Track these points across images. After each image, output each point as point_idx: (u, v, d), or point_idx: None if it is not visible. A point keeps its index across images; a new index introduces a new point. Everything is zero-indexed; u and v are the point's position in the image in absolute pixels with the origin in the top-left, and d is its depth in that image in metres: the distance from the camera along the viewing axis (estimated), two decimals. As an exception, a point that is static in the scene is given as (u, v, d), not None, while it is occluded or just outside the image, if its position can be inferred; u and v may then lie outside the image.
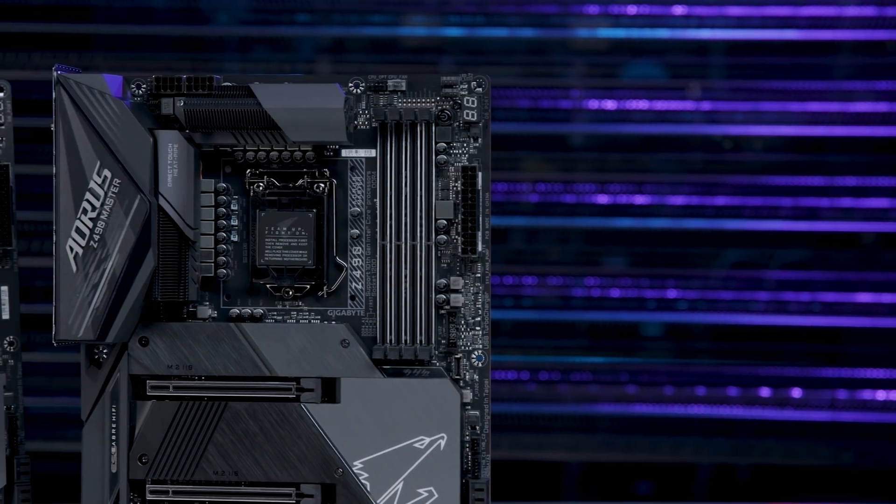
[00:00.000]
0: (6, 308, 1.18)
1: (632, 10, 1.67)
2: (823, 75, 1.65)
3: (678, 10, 1.66)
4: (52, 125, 1.10)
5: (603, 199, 1.68)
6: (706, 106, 1.66)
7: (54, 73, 1.09)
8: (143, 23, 1.63)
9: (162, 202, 1.09)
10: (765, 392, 1.66)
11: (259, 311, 1.12)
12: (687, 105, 1.66)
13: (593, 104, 1.67)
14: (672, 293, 1.68)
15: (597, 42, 1.65)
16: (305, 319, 1.11)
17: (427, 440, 1.08)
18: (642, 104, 1.67)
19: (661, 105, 1.67)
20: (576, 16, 1.64)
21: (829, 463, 1.64)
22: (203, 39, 1.64)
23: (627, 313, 1.67)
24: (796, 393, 1.66)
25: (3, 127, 1.18)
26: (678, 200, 1.67)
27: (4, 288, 1.18)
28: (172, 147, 1.09)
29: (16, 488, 1.17)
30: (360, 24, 1.63)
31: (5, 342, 1.18)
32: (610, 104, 1.67)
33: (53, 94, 1.09)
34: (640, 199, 1.68)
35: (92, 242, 1.09)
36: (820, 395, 1.65)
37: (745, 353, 1.66)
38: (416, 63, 1.64)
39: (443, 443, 1.08)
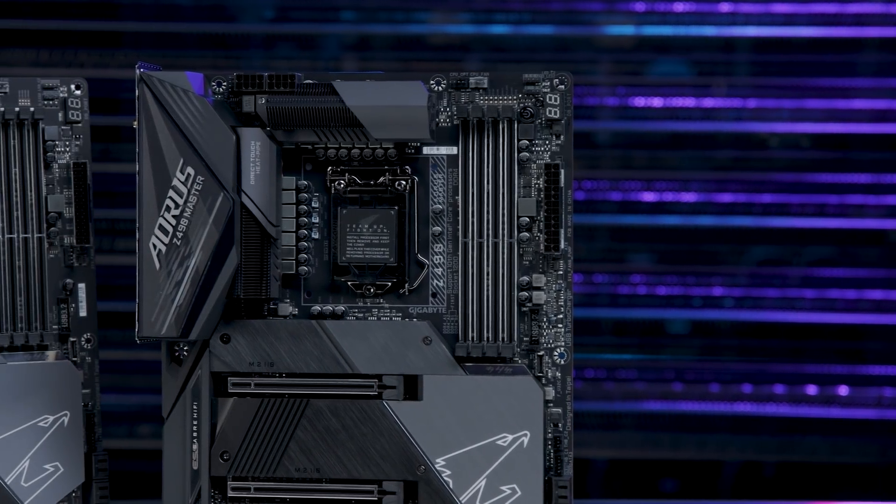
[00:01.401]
0: (83, 305, 1.18)
1: (679, 7, 1.67)
2: (866, 72, 1.65)
3: (724, 7, 1.66)
4: (135, 123, 1.10)
5: (649, 196, 1.68)
6: (739, 103, 1.66)
7: (137, 71, 1.10)
8: (169, 20, 1.64)
9: (245, 200, 1.09)
10: (811, 389, 1.66)
11: (340, 308, 1.12)
12: (733, 102, 1.66)
13: (620, 101, 1.67)
14: (718, 290, 1.68)
15: (624, 39, 1.65)
16: (386, 317, 1.12)
17: (510, 437, 1.09)
18: (675, 101, 1.67)
19: (690, 102, 1.67)
20: (604, 13, 1.64)
21: (875, 461, 1.64)
22: (228, 36, 1.64)
23: (675, 311, 1.67)
24: (843, 390, 1.66)
25: (80, 125, 1.18)
26: (725, 198, 1.67)
27: (82, 285, 1.18)
28: (255, 145, 1.10)
29: (94, 485, 1.17)
30: (386, 21, 1.63)
31: (82, 339, 1.18)
32: (638, 101, 1.67)
33: (136, 91, 1.10)
34: (682, 197, 1.68)
35: (175, 240, 1.09)
36: (867, 392, 1.65)
37: (791, 351, 1.66)
38: (442, 61, 1.64)
39: (526, 440, 1.08)
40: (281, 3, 1.64)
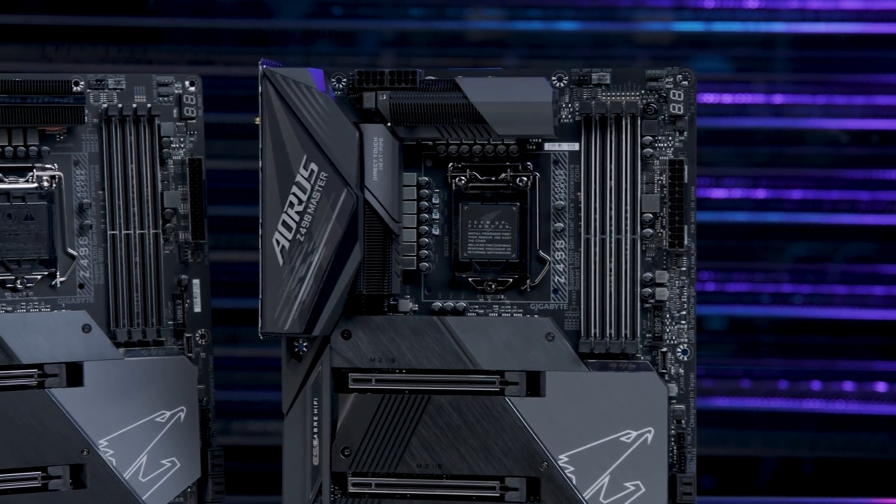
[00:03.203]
0: (198, 301, 1.18)
1: (752, 3, 1.67)
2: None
3: (793, 3, 1.66)
4: (257, 119, 1.10)
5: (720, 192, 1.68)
6: (809, 100, 1.66)
7: (260, 67, 1.10)
8: (207, 16, 1.63)
9: (367, 196, 1.09)
10: (880, 387, 1.66)
11: (462, 304, 1.12)
12: (802, 99, 1.66)
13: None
14: (787, 288, 1.68)
15: (663, 35, 1.64)
16: (507, 313, 1.12)
17: (633, 434, 1.09)
18: (742, 97, 1.67)
19: (759, 99, 1.67)
20: (675, 9, 1.64)
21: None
22: (266, 33, 1.64)
23: (742, 307, 1.67)
24: (912, 388, 1.66)
25: (194, 121, 1.18)
26: (795, 194, 1.67)
27: (196, 281, 1.18)
28: (378, 141, 1.10)
29: (209, 480, 1.17)
30: (424, 17, 1.63)
31: (197, 335, 1.18)
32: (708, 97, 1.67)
33: (259, 88, 1.10)
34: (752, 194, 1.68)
35: (298, 236, 1.09)
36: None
37: (859, 348, 1.66)
38: (480, 57, 1.64)
39: (650, 437, 1.09)
40: (319, -1, 1.64)
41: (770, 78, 1.64)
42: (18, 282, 1.14)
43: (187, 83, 1.18)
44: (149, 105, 1.16)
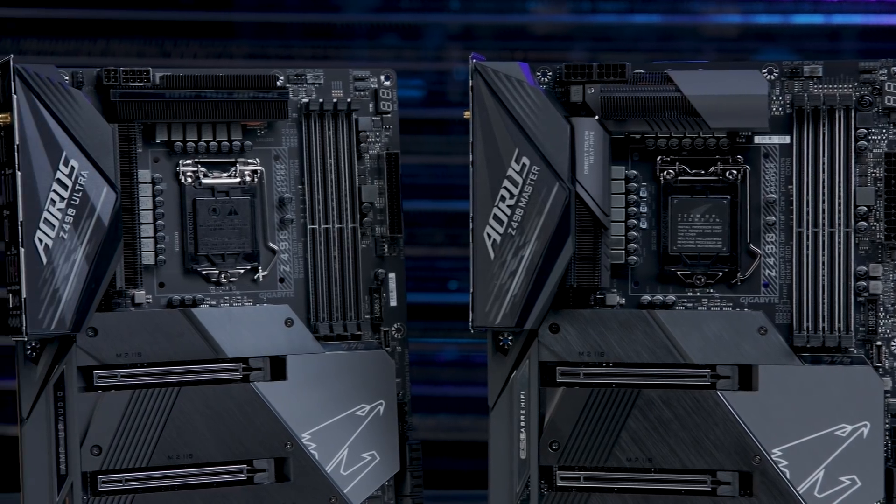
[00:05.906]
0: (394, 295, 1.18)
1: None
2: None
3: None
4: (467, 113, 1.10)
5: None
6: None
7: (471, 62, 1.09)
8: (274, 10, 1.63)
9: (579, 189, 1.09)
10: None
11: (671, 298, 1.12)
12: None
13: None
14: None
15: (729, 28, 1.64)
16: (716, 307, 1.11)
17: (849, 428, 1.08)
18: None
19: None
20: (790, 2, 1.63)
21: None
22: (333, 26, 1.63)
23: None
24: None
25: (389, 115, 1.18)
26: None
27: (392, 275, 1.18)
28: (589, 134, 1.09)
29: (408, 474, 1.17)
30: (489, 11, 1.63)
31: (393, 329, 1.18)
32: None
33: (470, 82, 1.09)
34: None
35: (510, 230, 1.09)
36: None
37: None
38: (544, 50, 1.63)
39: (865, 431, 1.08)
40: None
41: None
42: (223, 276, 1.13)
43: (382, 77, 1.18)
44: (348, 100, 1.15)
